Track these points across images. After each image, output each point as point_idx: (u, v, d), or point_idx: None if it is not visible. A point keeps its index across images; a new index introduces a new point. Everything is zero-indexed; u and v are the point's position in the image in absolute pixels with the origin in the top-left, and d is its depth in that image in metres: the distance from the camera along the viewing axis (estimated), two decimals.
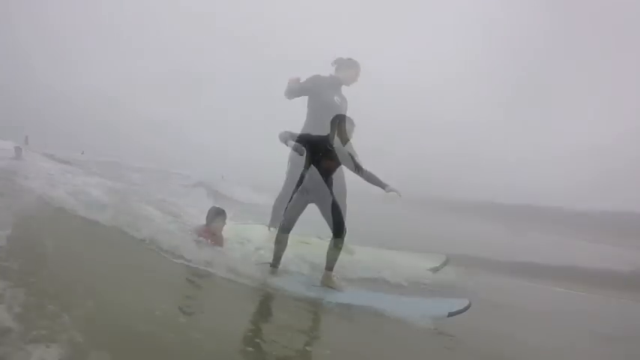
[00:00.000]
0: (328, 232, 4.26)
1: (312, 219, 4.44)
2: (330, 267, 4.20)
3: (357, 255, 5.19)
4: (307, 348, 2.46)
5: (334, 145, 4.10)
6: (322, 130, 4.23)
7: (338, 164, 4.17)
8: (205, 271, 3.93)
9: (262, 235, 5.37)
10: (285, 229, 4.23)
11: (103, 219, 4.52)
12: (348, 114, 4.54)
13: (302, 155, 3.99)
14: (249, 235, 5.82)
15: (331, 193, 4.26)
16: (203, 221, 5.15)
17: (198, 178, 14.55)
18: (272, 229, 4.48)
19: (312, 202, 4.27)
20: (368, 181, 4.17)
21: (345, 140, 4.12)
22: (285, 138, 3.97)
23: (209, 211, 5.13)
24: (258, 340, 2.34)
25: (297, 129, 4.94)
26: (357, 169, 4.16)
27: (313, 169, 4.16)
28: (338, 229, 4.19)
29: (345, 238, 4.21)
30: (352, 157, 4.17)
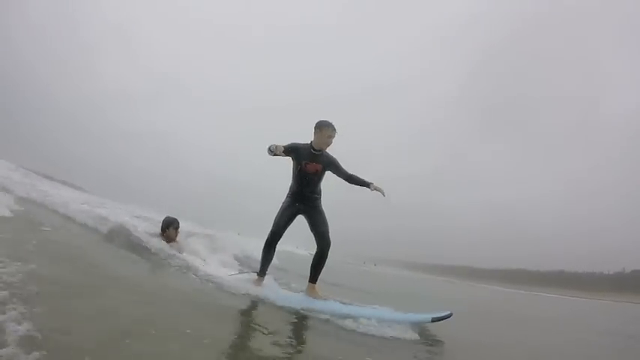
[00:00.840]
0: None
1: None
2: (313, 279, 4.07)
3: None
4: (288, 357, 2.29)
5: (319, 151, 4.00)
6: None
7: (324, 168, 4.04)
8: (192, 281, 3.87)
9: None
10: (273, 235, 4.05)
11: None
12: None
13: (276, 154, 3.81)
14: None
15: (319, 206, 4.14)
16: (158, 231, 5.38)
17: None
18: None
19: (301, 213, 4.12)
20: (352, 182, 4.04)
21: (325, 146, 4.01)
22: (269, 149, 3.77)
23: (163, 221, 5.35)
24: (239, 348, 2.19)
25: None
26: (343, 173, 4.06)
27: (303, 183, 4.03)
28: (322, 241, 4.06)
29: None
30: (336, 162, 4.07)
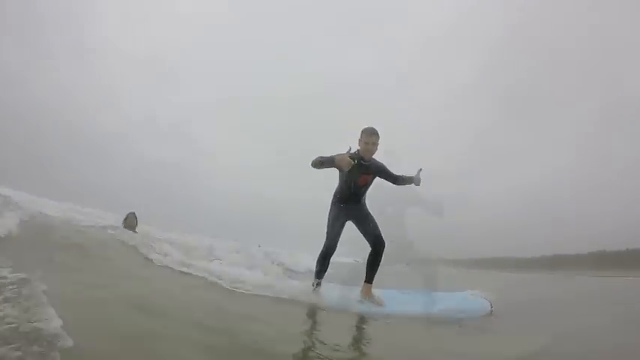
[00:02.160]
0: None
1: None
2: (369, 279, 4.03)
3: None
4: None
5: (367, 161, 3.97)
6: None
7: (373, 176, 4.06)
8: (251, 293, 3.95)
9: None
10: (328, 249, 4.02)
11: None
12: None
13: (348, 168, 3.68)
14: None
15: (366, 208, 4.14)
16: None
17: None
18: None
19: (349, 219, 4.09)
20: (400, 184, 4.07)
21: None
22: (319, 162, 3.74)
23: (127, 216, 7.09)
24: (307, 355, 2.17)
25: None
26: (391, 177, 4.08)
27: (352, 192, 4.04)
28: (376, 242, 4.03)
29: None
30: (383, 168, 4.07)
